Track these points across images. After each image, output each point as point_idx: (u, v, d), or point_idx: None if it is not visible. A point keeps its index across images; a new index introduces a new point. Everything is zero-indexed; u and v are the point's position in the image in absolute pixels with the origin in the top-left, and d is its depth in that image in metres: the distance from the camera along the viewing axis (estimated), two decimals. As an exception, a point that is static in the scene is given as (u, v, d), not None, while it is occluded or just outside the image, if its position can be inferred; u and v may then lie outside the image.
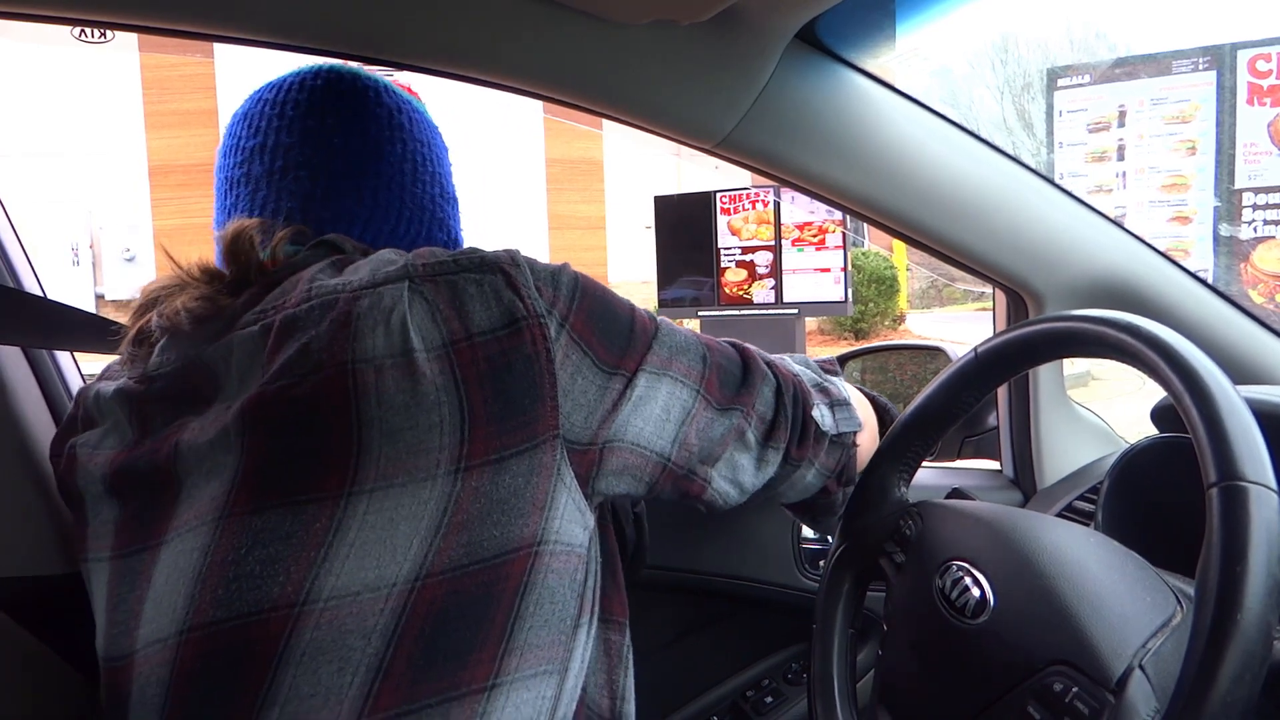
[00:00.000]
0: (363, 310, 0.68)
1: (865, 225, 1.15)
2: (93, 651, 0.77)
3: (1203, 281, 1.20)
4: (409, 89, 0.92)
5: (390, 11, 0.87)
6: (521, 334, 0.68)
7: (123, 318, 0.82)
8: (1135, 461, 1.00)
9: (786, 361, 0.92)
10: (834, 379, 0.97)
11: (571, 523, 0.72)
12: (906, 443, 0.94)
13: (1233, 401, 0.64)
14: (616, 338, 0.75)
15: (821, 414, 0.91)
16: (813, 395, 0.90)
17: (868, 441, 0.98)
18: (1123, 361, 0.75)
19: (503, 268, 0.71)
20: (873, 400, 1.08)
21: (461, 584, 0.66)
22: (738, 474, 0.85)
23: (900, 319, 13.60)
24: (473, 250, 0.72)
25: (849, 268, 10.08)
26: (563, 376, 0.70)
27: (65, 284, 11.17)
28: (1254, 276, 5.67)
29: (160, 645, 0.68)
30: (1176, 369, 0.67)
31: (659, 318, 0.81)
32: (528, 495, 0.68)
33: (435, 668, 0.66)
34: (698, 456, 0.81)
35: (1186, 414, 0.65)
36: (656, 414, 0.76)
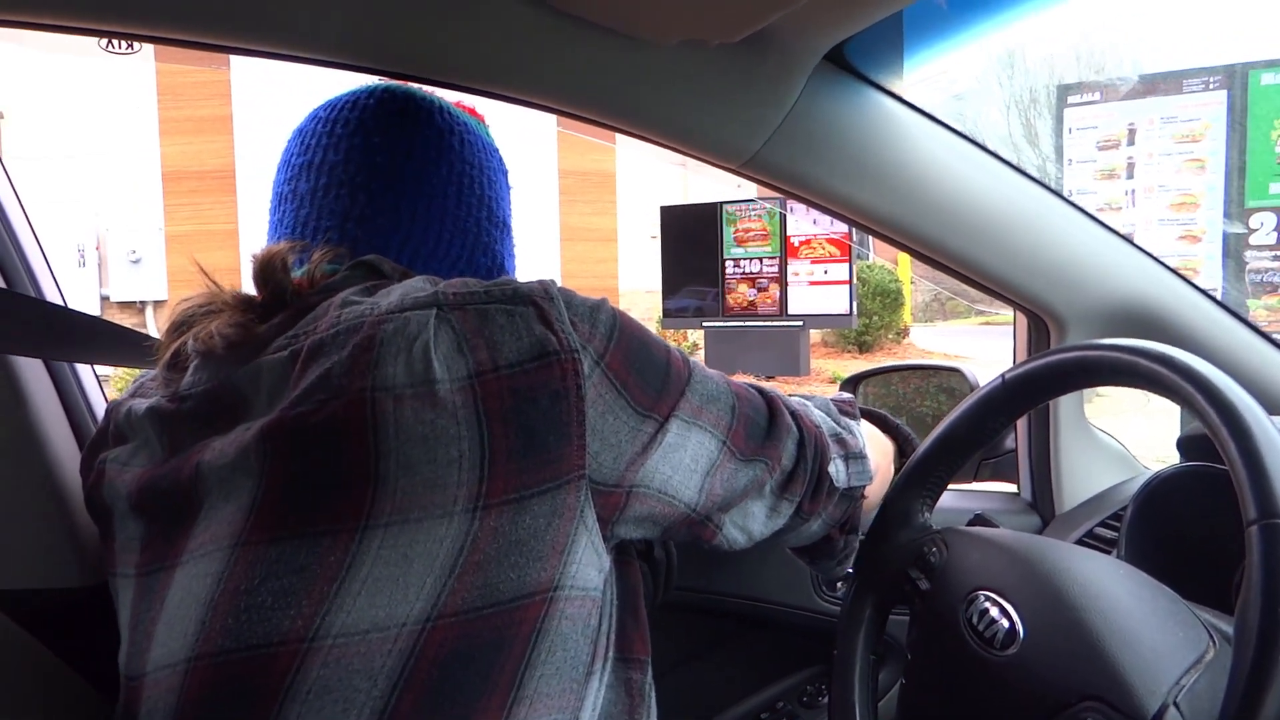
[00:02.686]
0: (386, 336, 0.66)
1: (870, 238, 1.15)
2: (110, 669, 0.76)
3: (1223, 306, 1.19)
4: (473, 111, 0.91)
5: (417, 27, 0.87)
6: (551, 368, 0.66)
7: (128, 319, 0.81)
8: (1160, 490, 0.99)
9: (809, 410, 0.91)
10: (852, 425, 0.96)
11: (588, 566, 0.70)
12: (931, 468, 0.94)
13: (1271, 437, 0.64)
14: (653, 380, 0.73)
15: (837, 469, 0.90)
16: (831, 449, 0.90)
17: (880, 477, 0.98)
18: (1154, 392, 0.74)
19: (535, 300, 0.69)
20: (893, 429, 1.08)
21: (473, 628, 0.64)
22: (749, 522, 0.84)
23: (904, 332, 13.61)
24: (506, 281, 0.70)
25: (854, 280, 10.11)
26: (593, 415, 0.68)
27: (71, 284, 11.20)
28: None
29: (170, 670, 0.67)
30: (1214, 403, 0.67)
31: (692, 361, 0.79)
32: (548, 538, 0.66)
33: (441, 714, 0.63)
34: (718, 505, 0.80)
35: (1224, 449, 0.65)
36: (685, 463, 0.75)
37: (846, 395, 1.01)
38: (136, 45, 0.91)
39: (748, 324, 10.45)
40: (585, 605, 0.70)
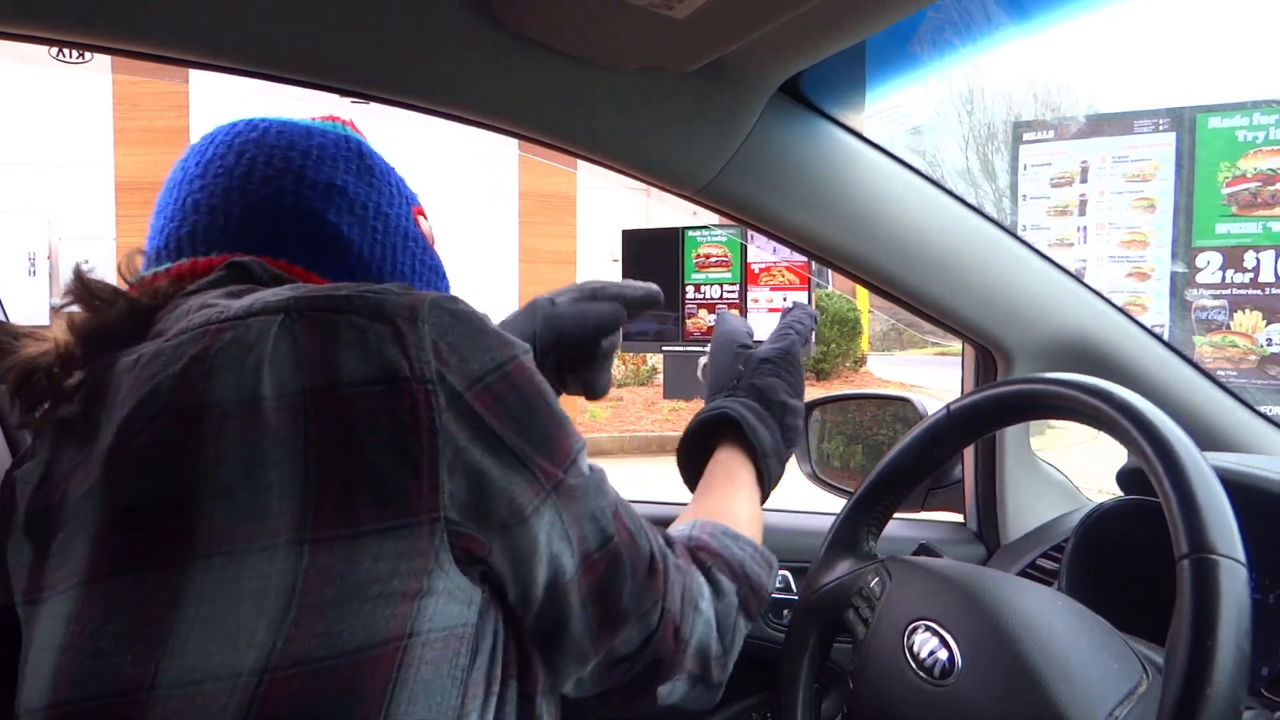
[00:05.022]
0: (223, 345, 0.61)
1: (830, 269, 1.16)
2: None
3: (1166, 344, 1.22)
4: (338, 118, 0.88)
5: (378, 48, 0.87)
6: (399, 396, 0.60)
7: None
8: (1100, 522, 1.01)
9: (700, 599, 0.78)
10: (761, 596, 0.84)
11: (453, 603, 0.63)
12: (877, 497, 0.94)
13: (1204, 473, 0.65)
14: (530, 431, 0.65)
15: (672, 690, 0.79)
16: (683, 668, 0.78)
17: (752, 527, 0.90)
18: (1093, 426, 0.75)
19: (395, 320, 0.62)
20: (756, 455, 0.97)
21: (317, 681, 0.58)
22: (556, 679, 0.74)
23: (862, 361, 13.75)
24: (376, 291, 0.64)
25: (813, 309, 10.18)
26: (449, 452, 0.61)
27: (21, 293, 10.98)
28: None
29: (31, 717, 0.63)
30: (1149, 438, 0.68)
31: (587, 466, 0.71)
32: (395, 583, 0.60)
33: None
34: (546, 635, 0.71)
35: (1159, 483, 0.66)
36: (530, 556, 0.66)
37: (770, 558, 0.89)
38: (88, 55, 0.90)
39: (707, 349, 10.46)
40: (451, 645, 0.63)
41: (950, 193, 1.11)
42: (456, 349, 0.63)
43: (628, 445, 9.47)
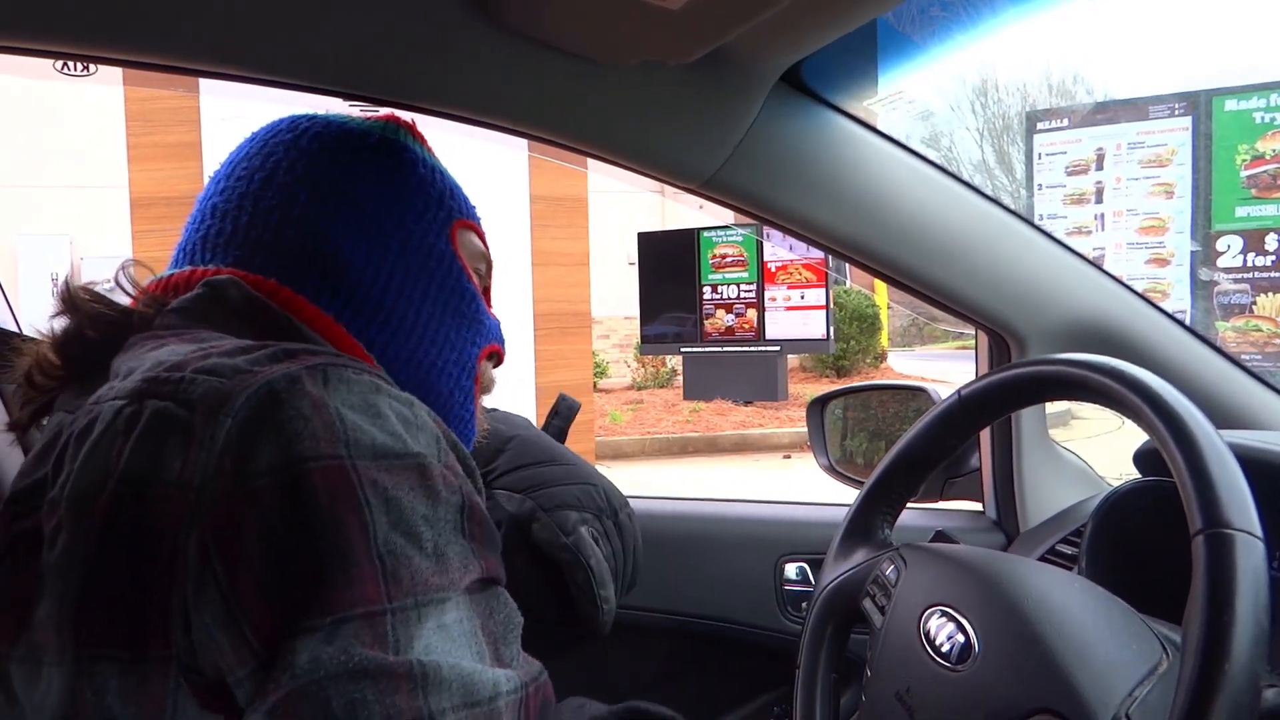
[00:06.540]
0: (75, 435, 0.55)
1: (847, 264, 1.15)
2: None
3: (1182, 324, 1.21)
4: (398, 119, 0.85)
5: (377, 50, 0.87)
6: (155, 504, 0.50)
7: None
8: (1118, 505, 1.00)
9: None
10: None
11: None
12: (891, 485, 0.94)
13: (1218, 448, 0.64)
14: (282, 566, 0.48)
15: None
16: None
17: None
18: (1106, 406, 0.75)
19: (196, 409, 0.51)
20: None
21: None
22: None
23: (882, 357, 13.69)
24: (208, 373, 0.53)
25: (831, 305, 10.17)
26: (192, 586, 0.49)
27: (46, 312, 11.16)
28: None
29: None
30: (1161, 414, 0.67)
31: (422, 615, 0.50)
32: None
33: None
34: None
35: (1172, 460, 0.65)
36: None
37: None
38: (93, 67, 0.91)
39: (725, 349, 10.47)
40: None
41: (957, 177, 1.10)
42: (249, 443, 0.50)
43: (649, 447, 9.48)
